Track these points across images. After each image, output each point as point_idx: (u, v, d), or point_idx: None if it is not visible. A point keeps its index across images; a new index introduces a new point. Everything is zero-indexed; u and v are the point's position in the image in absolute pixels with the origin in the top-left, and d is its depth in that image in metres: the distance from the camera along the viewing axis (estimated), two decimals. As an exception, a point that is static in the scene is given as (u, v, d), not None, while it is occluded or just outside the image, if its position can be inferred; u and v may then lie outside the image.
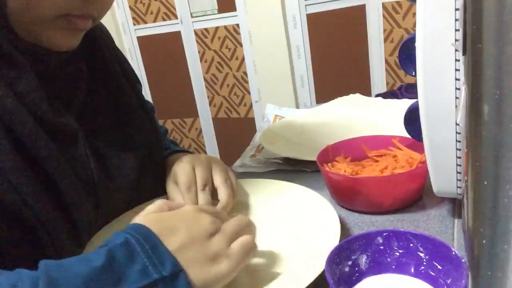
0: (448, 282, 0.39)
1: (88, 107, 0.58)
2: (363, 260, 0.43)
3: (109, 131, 0.60)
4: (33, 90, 0.48)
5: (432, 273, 0.41)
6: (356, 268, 0.43)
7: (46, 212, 0.46)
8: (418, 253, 0.42)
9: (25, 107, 0.47)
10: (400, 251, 0.43)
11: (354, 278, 0.42)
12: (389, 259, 0.43)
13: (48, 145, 0.47)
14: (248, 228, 0.45)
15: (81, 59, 0.59)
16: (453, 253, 0.39)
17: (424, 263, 0.41)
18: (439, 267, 0.40)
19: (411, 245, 0.42)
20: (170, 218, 0.42)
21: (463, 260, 0.37)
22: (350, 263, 0.42)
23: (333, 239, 0.47)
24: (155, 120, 0.73)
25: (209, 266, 0.39)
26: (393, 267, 0.43)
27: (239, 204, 0.63)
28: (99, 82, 0.61)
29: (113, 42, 0.71)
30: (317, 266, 0.43)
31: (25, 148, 0.46)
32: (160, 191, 0.67)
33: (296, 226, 0.55)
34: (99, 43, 0.63)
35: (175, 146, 0.78)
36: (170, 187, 0.62)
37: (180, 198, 0.59)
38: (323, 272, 0.41)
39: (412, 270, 0.42)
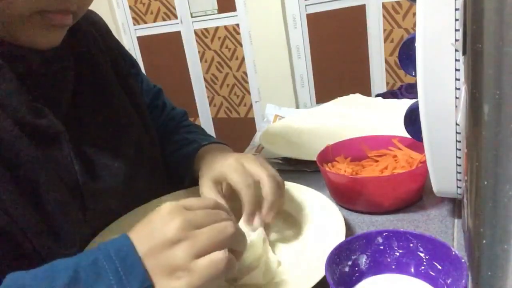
0: (448, 282, 0.39)
1: (75, 107, 0.57)
2: (363, 260, 0.43)
3: (97, 131, 0.58)
4: (12, 92, 0.47)
5: (432, 273, 0.41)
6: (356, 268, 0.43)
7: (26, 219, 0.45)
8: (418, 253, 0.42)
9: (4, 110, 0.46)
10: (400, 251, 0.43)
11: (354, 278, 0.42)
12: (389, 259, 0.43)
13: (29, 148, 0.46)
14: (232, 238, 0.39)
15: (68, 57, 0.57)
16: (453, 253, 0.39)
17: (424, 263, 0.41)
18: (439, 267, 0.40)
19: (411, 245, 0.42)
20: (146, 221, 0.40)
21: (463, 260, 0.37)
22: (350, 263, 0.42)
23: (337, 241, 0.47)
24: (151, 115, 0.70)
25: (166, 281, 0.36)
26: (393, 267, 0.43)
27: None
28: (86, 81, 0.59)
29: (108, 33, 0.68)
30: (320, 267, 0.43)
31: (5, 152, 0.45)
32: (154, 189, 0.66)
33: (300, 226, 0.55)
34: (88, 40, 0.61)
35: (199, 134, 0.75)
36: (207, 187, 0.56)
37: (215, 197, 0.54)
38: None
39: (412, 270, 0.42)
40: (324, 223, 0.53)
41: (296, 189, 0.62)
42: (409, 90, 1.20)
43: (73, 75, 0.57)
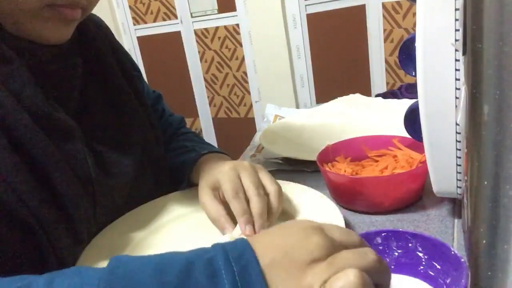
0: (448, 281, 0.39)
1: (84, 104, 0.57)
2: (362, 260, 0.43)
3: (106, 128, 0.59)
4: (26, 86, 0.47)
5: (431, 273, 0.41)
6: (356, 268, 0.43)
7: (42, 210, 0.46)
8: (417, 253, 0.42)
9: (20, 104, 0.46)
10: (399, 251, 0.43)
11: (353, 278, 0.42)
12: (388, 259, 0.43)
13: (45, 141, 0.47)
14: (373, 264, 0.32)
15: (76, 55, 0.58)
16: (452, 252, 0.39)
17: (423, 263, 0.41)
18: (438, 266, 0.40)
19: (410, 245, 0.42)
20: (276, 230, 0.35)
21: (462, 260, 0.37)
22: (349, 263, 0.42)
23: None
24: (155, 116, 0.72)
25: None
26: (392, 267, 0.43)
27: None
28: (94, 79, 0.60)
29: (113, 36, 0.69)
30: None
31: (21, 145, 0.45)
32: (159, 189, 0.67)
33: None
34: (95, 40, 0.62)
35: (198, 143, 0.75)
36: (205, 194, 0.55)
37: (215, 205, 0.54)
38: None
39: (411, 270, 0.42)
40: (324, 223, 0.53)
41: (296, 189, 0.62)
42: (409, 90, 1.20)
43: (82, 72, 0.58)
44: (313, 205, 0.58)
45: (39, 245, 0.47)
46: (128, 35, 2.58)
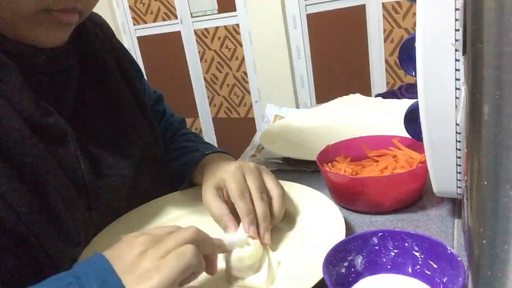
0: (444, 280, 0.39)
1: (80, 106, 0.57)
2: (359, 260, 0.43)
3: (103, 130, 0.58)
4: (18, 90, 0.47)
5: (428, 272, 0.41)
6: (352, 269, 0.43)
7: (33, 216, 0.45)
8: (413, 252, 0.42)
9: (12, 108, 0.46)
10: (395, 251, 0.43)
11: (350, 279, 0.42)
12: (384, 259, 0.43)
13: (37, 146, 0.47)
14: (195, 237, 0.41)
15: (73, 57, 0.57)
16: (449, 251, 0.39)
17: (420, 262, 0.41)
18: (434, 265, 0.40)
19: (406, 244, 0.42)
20: (114, 247, 0.41)
21: (459, 259, 0.37)
22: (346, 264, 0.42)
23: (337, 241, 0.47)
24: (155, 116, 0.71)
25: (139, 286, 0.36)
26: (389, 267, 0.43)
27: None
28: (92, 80, 0.59)
29: (113, 36, 0.69)
30: (319, 268, 0.43)
31: (11, 150, 0.45)
32: (158, 190, 0.66)
33: (300, 226, 0.55)
34: (93, 40, 0.61)
35: (199, 143, 0.75)
36: (209, 193, 0.55)
37: (218, 204, 0.54)
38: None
39: (408, 269, 0.42)
40: (324, 223, 0.53)
41: (296, 189, 0.62)
42: (409, 90, 1.20)
43: (78, 74, 0.57)
44: (313, 205, 0.58)
45: (31, 251, 0.46)
46: (128, 35, 2.59)
